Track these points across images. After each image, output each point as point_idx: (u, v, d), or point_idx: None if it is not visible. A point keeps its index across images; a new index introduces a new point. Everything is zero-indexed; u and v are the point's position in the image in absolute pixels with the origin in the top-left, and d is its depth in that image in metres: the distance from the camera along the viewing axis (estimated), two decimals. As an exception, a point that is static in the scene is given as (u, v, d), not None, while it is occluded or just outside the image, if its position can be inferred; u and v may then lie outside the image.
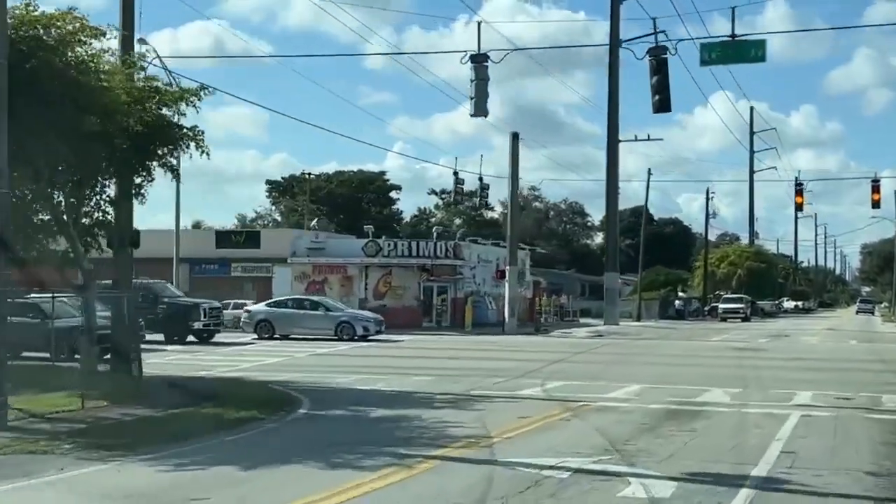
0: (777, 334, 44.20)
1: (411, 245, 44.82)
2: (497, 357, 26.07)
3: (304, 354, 26.01)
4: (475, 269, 48.22)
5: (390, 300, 45.02)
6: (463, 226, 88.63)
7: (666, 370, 22.45)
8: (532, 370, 21.95)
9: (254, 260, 45.77)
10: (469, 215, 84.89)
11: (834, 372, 22.28)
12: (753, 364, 23.99)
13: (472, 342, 33.27)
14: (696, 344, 33.75)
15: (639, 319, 62.59)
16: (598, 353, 27.45)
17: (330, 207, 77.00)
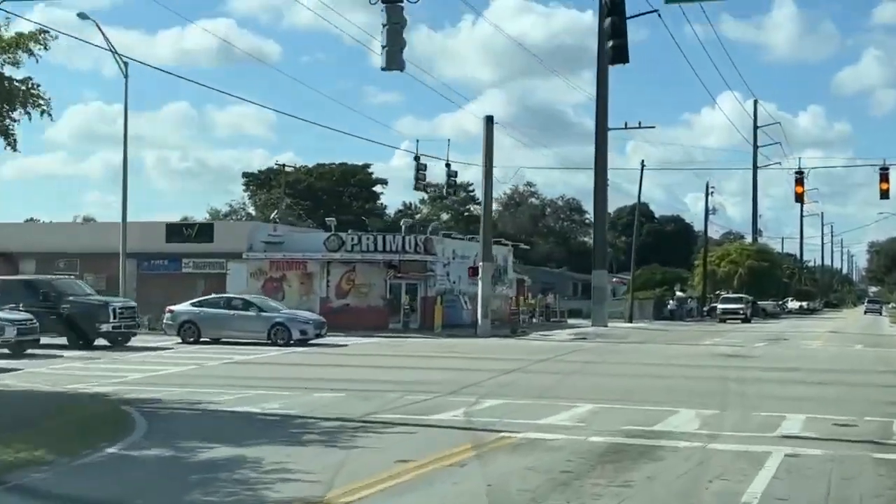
0: (775, 338, 40.55)
1: (377, 239, 41.16)
2: (446, 366, 22.46)
3: (216, 363, 22.45)
4: (449, 265, 44.56)
5: (354, 299, 41.43)
6: (451, 221, 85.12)
7: (634, 383, 18.83)
8: (474, 383, 18.35)
9: (207, 255, 42.17)
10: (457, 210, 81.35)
11: (835, 387, 18.63)
12: (740, 376, 20.33)
13: (433, 347, 29.68)
14: (682, 349, 30.12)
15: (631, 320, 58.86)
16: (565, 361, 23.82)
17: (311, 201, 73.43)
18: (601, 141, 50.62)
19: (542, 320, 55.88)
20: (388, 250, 41.08)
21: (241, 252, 41.62)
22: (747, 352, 28.25)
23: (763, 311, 76.46)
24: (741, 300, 67.11)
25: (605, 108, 50.92)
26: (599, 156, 50.38)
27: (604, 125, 50.79)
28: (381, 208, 77.64)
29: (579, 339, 37.61)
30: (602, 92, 51.12)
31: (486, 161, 39.32)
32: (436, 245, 43.31)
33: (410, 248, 41.56)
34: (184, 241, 42.32)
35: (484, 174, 39.33)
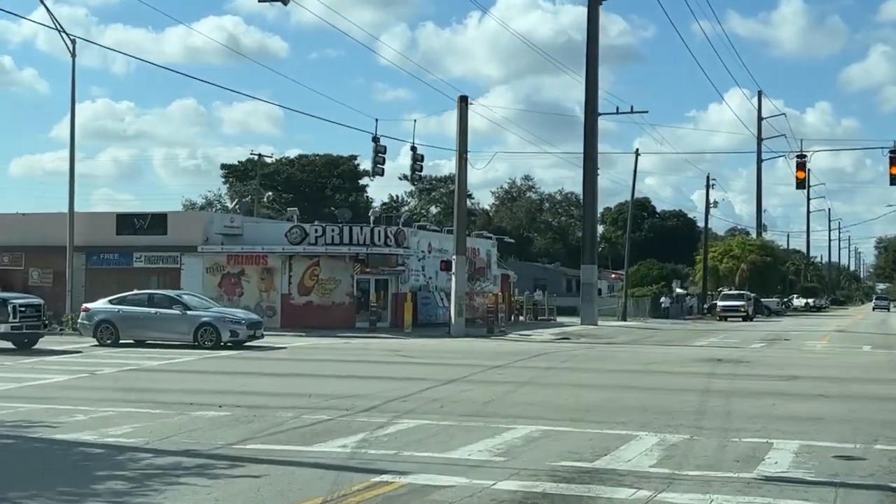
0: (776, 337, 37.38)
1: (343, 231, 37.93)
2: (385, 373, 19.32)
3: (113, 370, 19.33)
4: (424, 259, 41.42)
5: (318, 296, 38.27)
6: (440, 215, 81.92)
7: (596, 396, 15.66)
8: (403, 396, 15.24)
9: (160, 248, 39.05)
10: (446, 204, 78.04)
11: (838, 401, 15.44)
12: (726, 387, 17.17)
13: (389, 349, 26.56)
14: (669, 352, 26.94)
15: (625, 318, 55.68)
16: (527, 367, 20.66)
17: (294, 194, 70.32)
18: (591, 126, 47.44)
19: (530, 318, 52.80)
20: (356, 243, 37.91)
21: (196, 245, 38.50)
22: (741, 355, 25.03)
23: (766, 308, 73.33)
24: (742, 297, 63.92)
25: (594, 91, 47.76)
26: (589, 141, 47.20)
27: (593, 109, 47.62)
28: (365, 201, 74.44)
29: (561, 339, 34.48)
30: (591, 75, 47.94)
31: (460, 144, 36.14)
32: (409, 237, 40.14)
33: (380, 241, 38.39)
34: (135, 234, 39.19)
35: (458, 158, 36.14)
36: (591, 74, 47.90)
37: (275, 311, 38.03)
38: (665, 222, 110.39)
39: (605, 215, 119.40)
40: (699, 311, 72.62)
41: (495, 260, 50.27)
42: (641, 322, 54.75)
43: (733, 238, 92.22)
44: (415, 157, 33.39)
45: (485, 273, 48.00)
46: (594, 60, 48.17)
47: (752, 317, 62.69)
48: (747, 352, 27.29)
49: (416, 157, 33.39)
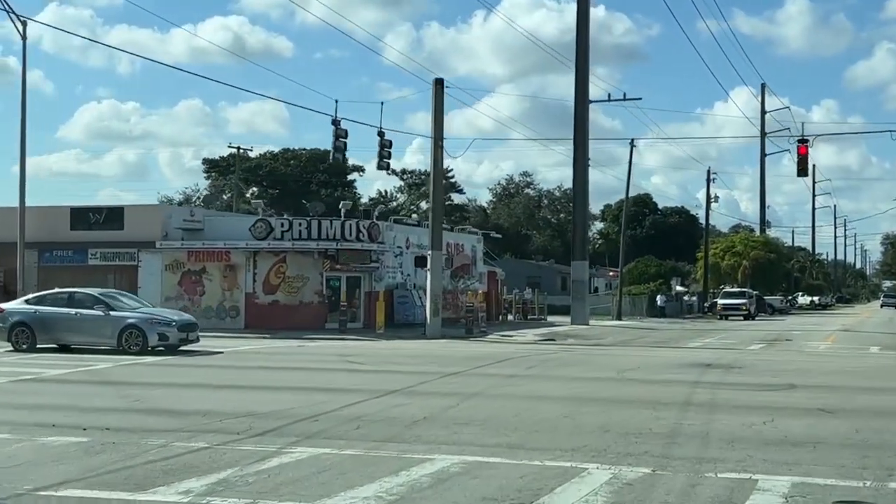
0: (777, 338, 34.80)
1: (311, 225, 35.40)
2: (320, 383, 16.79)
3: (5, 380, 16.76)
4: (402, 256, 38.88)
5: (285, 295, 35.74)
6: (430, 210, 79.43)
7: (551, 411, 13.08)
8: (321, 413, 12.74)
9: (116, 244, 36.56)
10: (437, 199, 75.54)
11: (840, 416, 12.85)
12: (710, 398, 14.59)
13: (341, 354, 24.02)
14: (656, 355, 24.35)
15: (619, 317, 53.08)
16: (485, 375, 18.08)
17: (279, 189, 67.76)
18: (581, 112, 44.87)
19: (520, 318, 50.28)
20: (325, 238, 35.40)
21: (154, 241, 35.99)
22: (735, 358, 22.40)
23: (769, 306, 70.73)
24: (743, 295, 61.33)
25: (585, 78, 45.19)
26: (579, 129, 44.63)
27: (584, 97, 45.04)
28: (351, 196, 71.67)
29: (544, 340, 31.97)
30: (581, 60, 45.40)
31: (436, 130, 33.56)
32: (384, 232, 37.61)
33: (351, 236, 35.88)
34: (90, 229, 36.69)
35: (433, 146, 33.57)
36: (582, 59, 45.37)
37: (238, 311, 35.56)
38: (667, 219, 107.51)
39: (605, 213, 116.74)
40: (700, 310, 70.11)
41: (481, 256, 47.67)
42: (637, 321, 52.18)
43: (736, 234, 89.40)
44: (382, 144, 30.81)
45: (469, 270, 45.43)
46: (584, 44, 45.64)
47: (754, 315, 60.15)
48: (743, 354, 24.69)
49: (383, 143, 30.81)
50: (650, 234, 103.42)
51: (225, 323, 35.33)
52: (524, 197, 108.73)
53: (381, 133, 30.61)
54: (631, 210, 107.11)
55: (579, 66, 45.38)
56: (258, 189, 71.51)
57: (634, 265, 68.49)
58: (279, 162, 69.20)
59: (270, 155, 70.14)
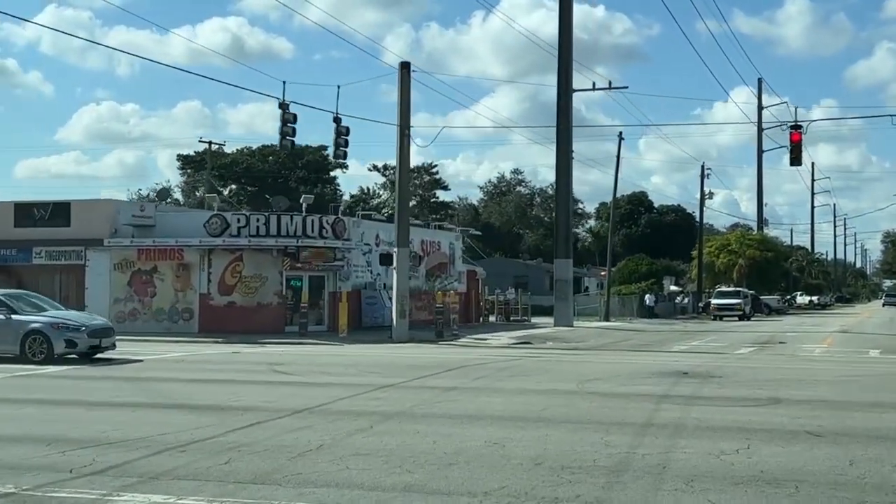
0: (769, 340, 32.51)
1: (269, 221, 33.07)
2: (223, 400, 14.42)
3: None
4: (371, 254, 36.51)
5: (241, 296, 33.39)
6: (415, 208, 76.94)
7: (478, 437, 10.74)
8: (199, 439, 10.45)
9: (62, 242, 34.22)
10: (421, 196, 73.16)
11: (831, 441, 10.52)
12: (677, 417, 12.26)
13: (279, 360, 21.72)
14: (631, 361, 21.99)
15: (607, 318, 50.76)
16: (425, 388, 15.75)
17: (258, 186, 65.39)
18: (564, 103, 42.50)
19: (502, 319, 47.98)
20: (285, 234, 33.07)
21: (103, 238, 33.65)
22: (717, 366, 20.05)
23: (766, 306, 68.40)
24: (738, 294, 59.00)
25: (568, 66, 42.83)
26: (562, 119, 42.28)
27: (567, 85, 42.67)
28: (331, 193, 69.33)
29: (519, 344, 29.72)
30: (565, 47, 43.04)
31: (402, 117, 31.22)
32: (350, 228, 35.27)
33: (314, 232, 33.58)
34: (35, 226, 34.34)
35: (399, 133, 31.23)
36: (565, 48, 42.99)
37: (192, 313, 33.22)
38: (663, 217, 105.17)
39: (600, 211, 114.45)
40: (694, 310, 67.86)
41: (460, 254, 45.34)
42: (626, 322, 49.87)
43: (732, 232, 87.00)
44: (339, 131, 28.43)
45: (447, 269, 43.12)
46: (568, 32, 43.25)
47: (749, 316, 57.88)
48: (728, 360, 22.35)
49: (339, 130, 28.43)
50: (645, 232, 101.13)
51: (178, 326, 33.03)
52: (516, 195, 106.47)
53: (336, 119, 28.26)
54: (626, 208, 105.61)
55: (562, 55, 43.05)
56: (236, 186, 69.30)
57: (625, 264, 66.14)
58: (256, 158, 66.87)
59: (248, 151, 67.83)
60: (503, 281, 57.70)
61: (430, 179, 74.78)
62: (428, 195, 76.94)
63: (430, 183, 75.96)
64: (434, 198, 77.43)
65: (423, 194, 76.69)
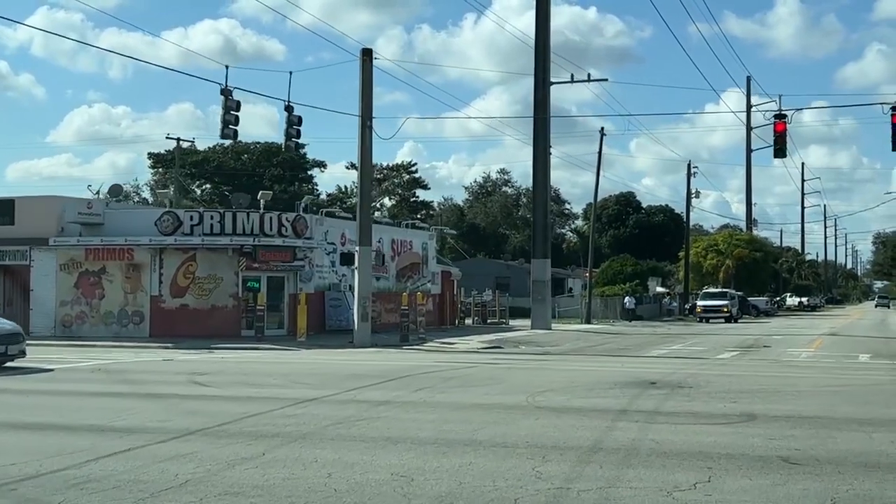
0: (754, 343, 30.82)
1: (224, 219, 31.22)
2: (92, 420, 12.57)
3: None
4: (335, 253, 34.65)
5: (195, 298, 31.52)
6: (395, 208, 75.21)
7: (391, 466, 8.91)
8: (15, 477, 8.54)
9: (6, 241, 32.30)
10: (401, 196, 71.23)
11: (809, 472, 8.70)
12: (632, 438, 10.43)
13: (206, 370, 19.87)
14: (598, 368, 20.18)
15: (589, 320, 49.00)
16: (352, 402, 13.88)
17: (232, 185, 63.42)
18: (541, 97, 40.72)
19: (479, 322, 46.26)
20: (241, 232, 31.24)
21: (48, 237, 31.74)
22: (691, 374, 18.24)
23: (754, 307, 66.91)
24: (725, 295, 57.34)
25: (545, 55, 41.08)
26: (539, 112, 40.50)
27: (544, 75, 40.90)
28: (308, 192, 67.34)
29: (490, 348, 28.00)
30: (541, 38, 41.30)
31: (363, 108, 29.37)
32: (312, 226, 33.44)
33: (272, 230, 31.75)
34: (-23, 224, 32.42)
35: (360, 125, 29.37)
36: (541, 40, 41.25)
37: (142, 316, 31.33)
38: (651, 218, 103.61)
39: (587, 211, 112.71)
40: (680, 312, 66.27)
41: (434, 254, 43.51)
42: (608, 325, 48.14)
43: (719, 233, 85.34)
44: (290, 121, 26.56)
45: (419, 270, 41.32)
46: (545, 23, 41.51)
47: (736, 318, 56.27)
48: (705, 367, 20.56)
49: (291, 119, 26.55)
50: (634, 233, 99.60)
51: (127, 330, 31.14)
52: (501, 195, 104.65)
53: (288, 107, 26.38)
54: (614, 209, 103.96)
55: (539, 47, 41.30)
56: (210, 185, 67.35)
57: (609, 264, 64.40)
58: (229, 156, 64.95)
59: (220, 148, 65.85)
60: (485, 282, 56.04)
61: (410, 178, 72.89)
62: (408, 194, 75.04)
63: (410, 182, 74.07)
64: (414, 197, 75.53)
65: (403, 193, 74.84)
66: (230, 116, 24.00)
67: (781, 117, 28.36)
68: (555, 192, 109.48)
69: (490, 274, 62.53)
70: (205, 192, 66.55)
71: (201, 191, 67.49)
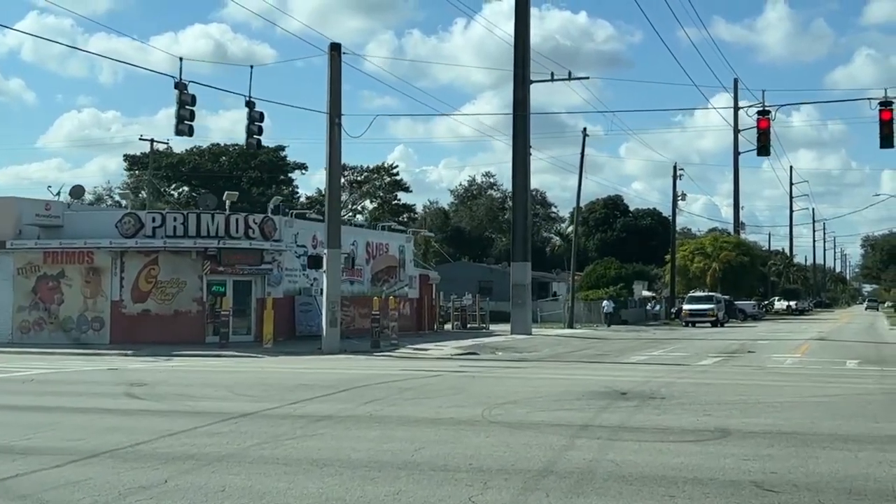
0: (739, 349, 29.80)
1: (188, 220, 30.03)
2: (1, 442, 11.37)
3: None
4: (305, 256, 33.44)
5: (157, 303, 30.29)
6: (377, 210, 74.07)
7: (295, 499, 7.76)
8: None
9: (-39, 244, 30.97)
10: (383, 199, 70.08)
11: (796, 502, 7.57)
12: (589, 459, 9.29)
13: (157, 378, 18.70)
14: (569, 376, 19.06)
15: (571, 325, 47.93)
16: (292, 417, 12.71)
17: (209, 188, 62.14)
18: (521, 95, 39.66)
19: (458, 327, 45.16)
20: (206, 235, 30.06)
21: (5, 240, 30.47)
22: (666, 382, 17.13)
23: (741, 311, 66.05)
24: (711, 299, 56.37)
25: (524, 52, 40.06)
26: (518, 110, 39.44)
27: (524, 73, 39.86)
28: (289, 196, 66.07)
29: (464, 355, 26.94)
30: (521, 36, 40.25)
31: (332, 105, 28.22)
32: (281, 228, 32.27)
33: (238, 233, 30.60)
34: (-70, 227, 31.09)
35: (329, 122, 28.23)
36: (521, 37, 40.22)
37: (103, 322, 30.09)
38: (638, 221, 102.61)
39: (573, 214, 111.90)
40: (666, 316, 65.38)
41: (412, 257, 42.37)
42: (591, 330, 47.11)
43: (705, 237, 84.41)
44: (251, 117, 25.38)
45: (396, 273, 40.15)
46: (524, 21, 40.48)
47: (723, 322, 55.32)
48: (685, 374, 19.48)
49: (252, 115, 25.37)
50: (621, 236, 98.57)
51: (87, 337, 29.89)
52: (487, 199, 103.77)
53: (249, 103, 25.20)
54: (602, 212, 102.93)
55: (518, 45, 40.26)
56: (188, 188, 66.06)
57: (593, 268, 63.41)
58: (206, 158, 63.69)
59: (197, 150, 64.56)
60: (468, 286, 54.93)
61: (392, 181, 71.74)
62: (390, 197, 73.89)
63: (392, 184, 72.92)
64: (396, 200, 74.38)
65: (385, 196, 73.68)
66: (185, 111, 22.80)
67: (765, 113, 27.34)
68: (541, 196, 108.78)
69: (473, 278, 61.51)
70: (182, 195, 65.35)
71: (178, 194, 66.31)
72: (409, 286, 41.16)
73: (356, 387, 16.02)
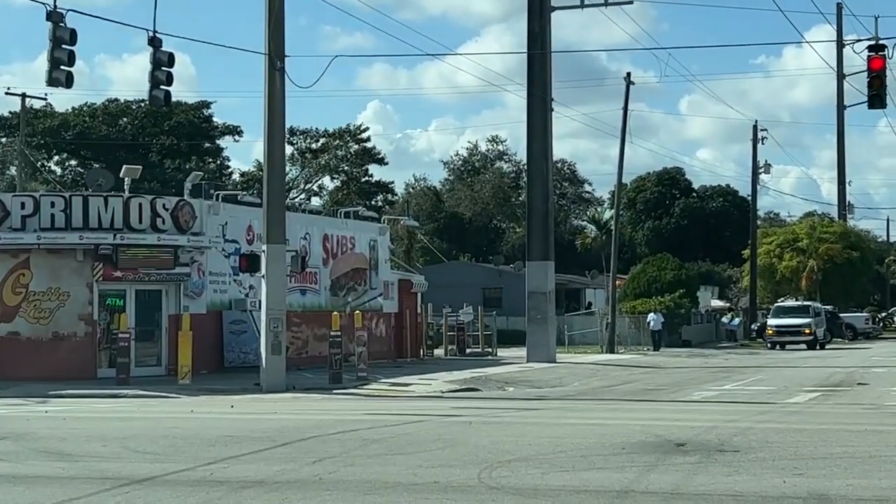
0: (843, 380, 30.12)
1: (72, 206, 30.00)
2: None
3: None
4: (236, 255, 33.43)
5: (30, 322, 30.31)
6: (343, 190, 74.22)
7: None
8: None
9: None
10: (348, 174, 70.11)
11: None
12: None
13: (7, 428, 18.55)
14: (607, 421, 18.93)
15: (612, 349, 48.10)
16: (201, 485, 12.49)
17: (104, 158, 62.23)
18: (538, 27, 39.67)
19: (454, 352, 45.30)
20: (98, 227, 30.08)
21: None
22: (742, 428, 16.94)
23: (848, 328, 66.43)
24: (806, 311, 56.59)
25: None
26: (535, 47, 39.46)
27: (542, 1, 39.88)
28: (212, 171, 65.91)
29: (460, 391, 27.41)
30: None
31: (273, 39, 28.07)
32: (203, 216, 32.26)
33: (143, 223, 30.63)
34: None
35: (268, 67, 28.11)
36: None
37: None
38: (705, 204, 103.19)
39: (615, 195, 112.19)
40: (746, 334, 65.74)
41: (387, 257, 42.40)
42: (639, 355, 47.33)
43: (800, 223, 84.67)
44: (157, 60, 25.08)
45: (365, 278, 40.17)
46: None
47: (823, 342, 55.68)
48: (769, 416, 19.44)
49: (158, 57, 25.08)
50: (681, 224, 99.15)
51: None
52: (494, 173, 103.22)
53: (154, 40, 24.91)
54: (654, 191, 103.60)
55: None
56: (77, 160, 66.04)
57: (642, 268, 63.45)
58: (100, 120, 63.56)
59: (88, 109, 64.49)
60: (468, 295, 55.13)
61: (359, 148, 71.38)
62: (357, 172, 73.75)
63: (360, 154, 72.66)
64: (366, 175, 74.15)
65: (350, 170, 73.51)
66: (61, 53, 22.50)
67: (879, 49, 27.18)
68: (569, 169, 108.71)
69: (475, 284, 61.79)
70: (67, 172, 65.30)
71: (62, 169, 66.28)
72: (384, 296, 41.25)
73: (304, 438, 15.90)
